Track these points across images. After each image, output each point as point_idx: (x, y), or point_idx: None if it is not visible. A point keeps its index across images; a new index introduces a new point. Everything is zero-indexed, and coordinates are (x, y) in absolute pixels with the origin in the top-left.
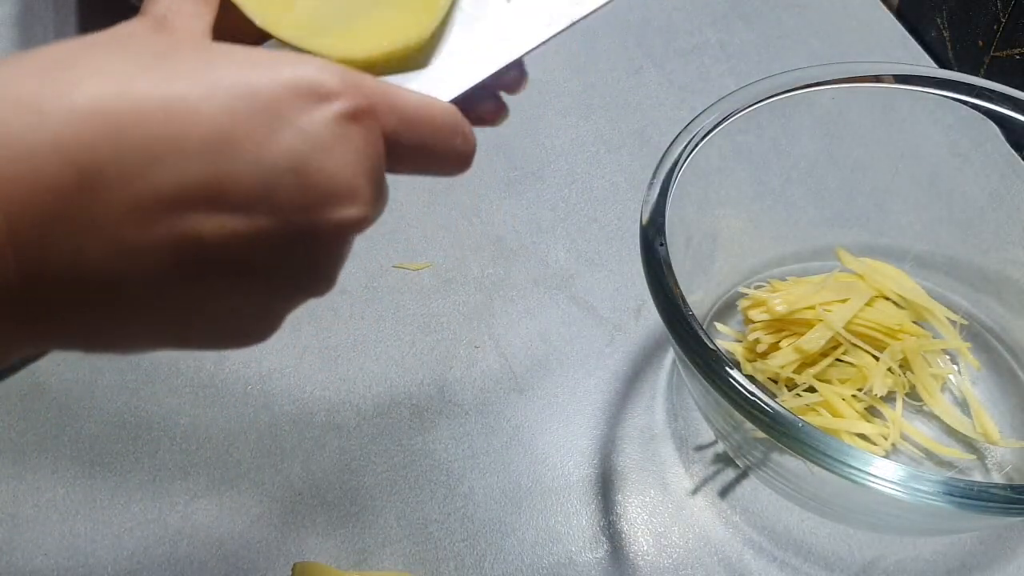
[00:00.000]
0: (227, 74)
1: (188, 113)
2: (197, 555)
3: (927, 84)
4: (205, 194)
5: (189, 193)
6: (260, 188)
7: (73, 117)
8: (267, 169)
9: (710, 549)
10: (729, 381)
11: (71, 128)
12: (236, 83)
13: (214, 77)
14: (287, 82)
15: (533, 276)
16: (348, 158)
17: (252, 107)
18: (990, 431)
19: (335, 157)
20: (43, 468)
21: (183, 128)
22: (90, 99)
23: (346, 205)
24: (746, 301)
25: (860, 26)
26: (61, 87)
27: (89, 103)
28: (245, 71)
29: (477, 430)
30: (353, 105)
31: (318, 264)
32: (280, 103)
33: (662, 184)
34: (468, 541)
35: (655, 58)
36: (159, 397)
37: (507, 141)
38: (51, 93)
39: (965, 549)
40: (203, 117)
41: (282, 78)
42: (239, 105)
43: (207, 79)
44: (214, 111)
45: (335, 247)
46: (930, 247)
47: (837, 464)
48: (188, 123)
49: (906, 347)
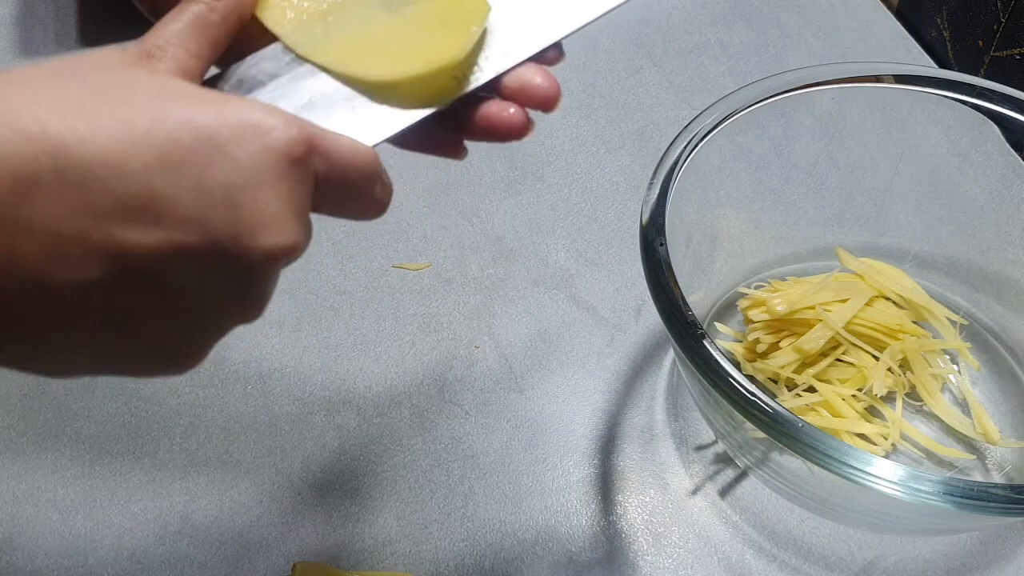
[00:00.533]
0: (175, 107)
1: (131, 137)
2: (197, 555)
3: (927, 84)
4: (140, 209)
5: (123, 205)
6: (194, 211)
7: (18, 135)
8: (203, 194)
9: (710, 549)
10: (729, 381)
11: (13, 144)
12: (183, 116)
13: (162, 109)
14: (232, 119)
15: (533, 276)
16: (280, 194)
17: (194, 137)
18: (990, 431)
19: (268, 191)
20: (43, 468)
21: (125, 151)
22: (37, 120)
23: (274, 236)
24: (746, 301)
25: (860, 26)
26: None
27: (35, 123)
28: (194, 107)
29: (477, 430)
30: (290, 146)
31: (245, 290)
32: (222, 137)
33: (662, 184)
34: (468, 541)
35: (655, 58)
36: (159, 397)
37: None
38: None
39: (965, 549)
40: (146, 143)
41: (228, 115)
42: (182, 135)
43: (155, 110)
44: (157, 138)
45: (261, 275)
46: (930, 247)
47: (837, 464)
48: (130, 147)
49: (906, 347)
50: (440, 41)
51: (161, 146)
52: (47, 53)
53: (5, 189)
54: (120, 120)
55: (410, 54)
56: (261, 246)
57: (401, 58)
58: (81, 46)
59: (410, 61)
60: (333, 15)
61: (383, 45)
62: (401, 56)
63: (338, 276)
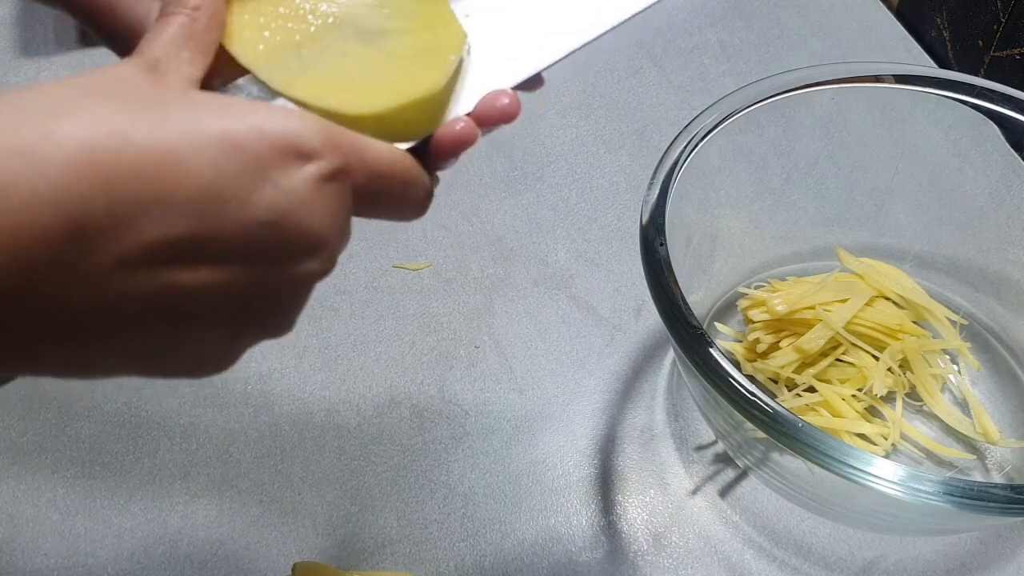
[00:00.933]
0: (214, 128)
1: (177, 167)
2: (197, 555)
3: (927, 84)
4: (187, 246)
5: (172, 245)
6: (239, 242)
7: (69, 170)
8: (247, 224)
9: (710, 549)
10: (729, 381)
11: (66, 180)
12: (223, 138)
13: (202, 130)
14: (272, 138)
15: (533, 276)
16: (322, 215)
17: (237, 163)
18: (990, 431)
19: (310, 214)
20: (43, 468)
21: (172, 182)
22: (85, 151)
23: (315, 258)
24: (746, 301)
25: (860, 26)
26: (57, 137)
27: (84, 155)
28: (233, 123)
29: (477, 430)
30: (330, 165)
31: (282, 309)
32: (263, 160)
33: (662, 184)
34: (468, 541)
35: (655, 58)
36: (159, 397)
37: (507, 141)
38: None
39: (965, 549)
40: (191, 171)
41: (267, 133)
42: (225, 161)
43: (195, 132)
44: (202, 166)
45: (299, 294)
46: (930, 247)
47: (837, 464)
48: (177, 177)
49: (906, 347)
50: (417, 73)
51: (205, 177)
52: (47, 53)
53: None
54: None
55: (388, 87)
56: (303, 270)
57: (379, 91)
58: (81, 46)
59: (388, 94)
60: (307, 47)
61: (360, 78)
62: (379, 89)
63: (338, 276)
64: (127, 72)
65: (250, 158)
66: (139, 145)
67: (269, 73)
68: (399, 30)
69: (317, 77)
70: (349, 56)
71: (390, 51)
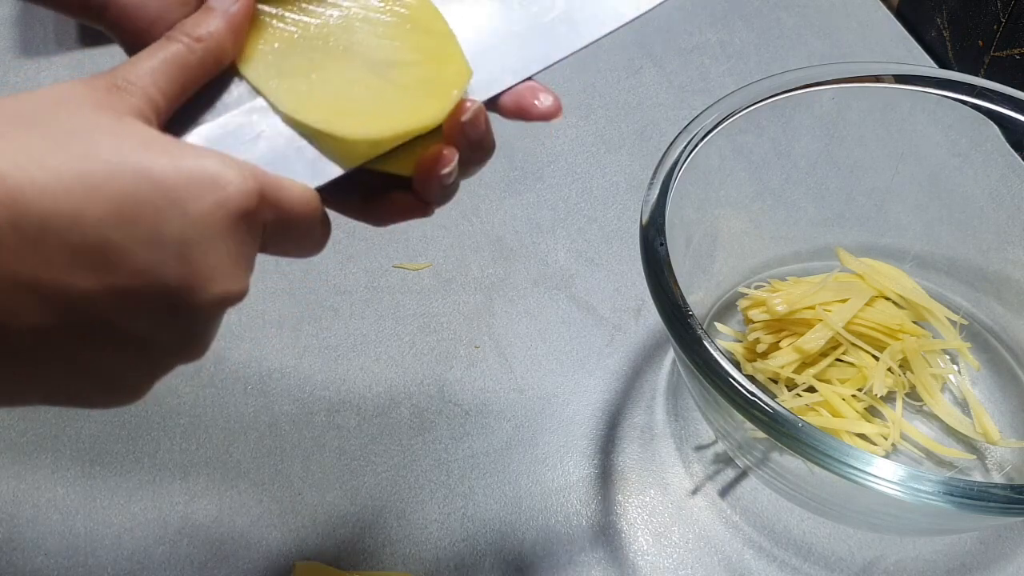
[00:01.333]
0: (134, 158)
1: (89, 190)
2: (197, 555)
3: (927, 84)
4: (95, 260)
5: (79, 258)
6: (147, 263)
7: None
8: (156, 248)
9: (710, 549)
10: (729, 381)
11: None
12: (140, 167)
13: (121, 160)
14: (188, 172)
15: (533, 276)
16: (231, 247)
17: (152, 190)
18: (990, 431)
19: (219, 245)
20: (43, 468)
21: (82, 203)
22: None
23: (223, 286)
24: (746, 301)
25: (860, 26)
26: None
27: None
28: (152, 157)
29: (477, 430)
30: (243, 200)
31: (192, 333)
32: (178, 191)
33: (662, 184)
34: (468, 541)
35: (655, 58)
36: (159, 397)
37: (507, 141)
38: None
39: (965, 549)
40: (102, 196)
41: (185, 167)
42: (140, 187)
43: (114, 161)
44: (114, 191)
45: (208, 320)
46: (930, 247)
47: (837, 464)
48: (88, 199)
49: (906, 347)
50: (420, 104)
51: (117, 200)
52: (47, 53)
53: None
54: (78, 173)
55: (390, 116)
56: (210, 295)
57: (381, 119)
58: (81, 46)
59: (389, 122)
60: (317, 73)
61: (364, 106)
62: (381, 117)
63: (338, 276)
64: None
65: (164, 188)
66: (53, 168)
67: (277, 97)
68: (406, 62)
69: (323, 102)
70: (355, 84)
71: (396, 81)
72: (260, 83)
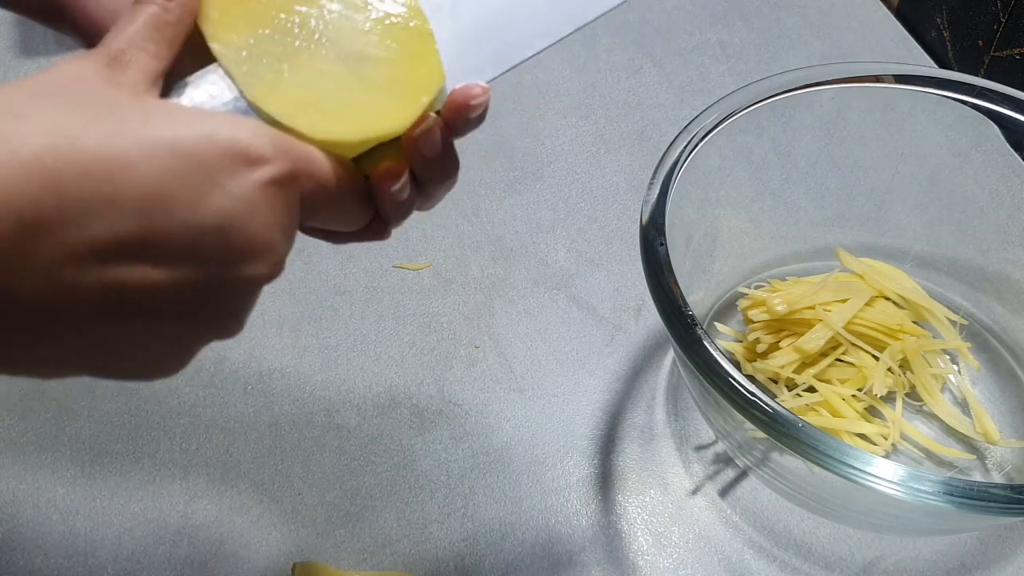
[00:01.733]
0: (166, 134)
1: (126, 171)
2: (197, 555)
3: (927, 84)
4: (136, 245)
5: (121, 244)
6: (187, 244)
7: (19, 172)
8: (195, 227)
9: (710, 549)
10: (729, 381)
11: (16, 181)
12: (174, 144)
13: (154, 136)
14: (222, 145)
15: (533, 276)
16: (269, 220)
17: (187, 168)
18: (990, 431)
19: (258, 219)
20: (43, 468)
21: (121, 185)
22: (36, 155)
23: (263, 261)
24: (746, 301)
25: (860, 26)
26: (10, 141)
27: (35, 159)
28: (184, 131)
29: (477, 430)
30: (279, 172)
31: (231, 310)
32: (213, 166)
33: (662, 184)
34: (468, 541)
35: (655, 58)
36: (159, 397)
37: (507, 141)
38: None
39: (965, 549)
40: (140, 176)
41: (218, 141)
42: (175, 165)
43: (147, 138)
44: (151, 170)
45: (248, 296)
46: (930, 247)
47: (837, 464)
48: (126, 181)
49: (906, 347)
50: (387, 107)
51: (154, 179)
52: (47, 53)
53: (10, 230)
54: (114, 154)
55: (355, 117)
56: (250, 272)
57: (345, 120)
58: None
59: (354, 124)
60: (288, 62)
61: (330, 103)
62: (346, 118)
63: (338, 276)
64: (83, 70)
65: (199, 164)
66: (89, 150)
67: (246, 82)
68: (380, 59)
69: (291, 94)
70: (326, 77)
71: (367, 78)
72: (230, 65)
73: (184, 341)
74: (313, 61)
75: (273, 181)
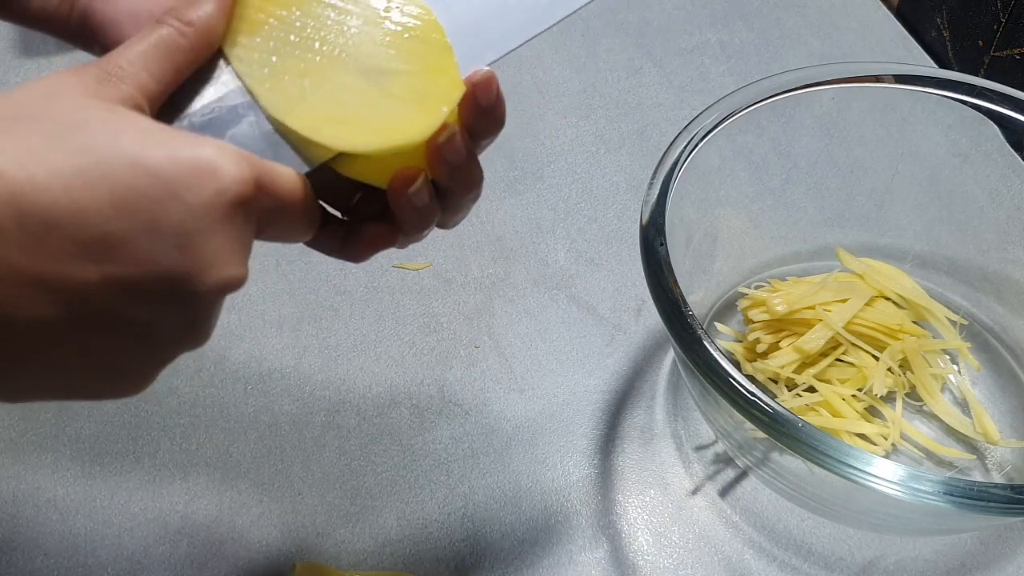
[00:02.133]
0: (130, 150)
1: (87, 187)
2: (197, 555)
3: (927, 84)
4: (97, 251)
5: (82, 250)
6: (148, 253)
7: None
8: (157, 238)
9: (710, 549)
10: (729, 381)
11: None
12: (136, 160)
13: (117, 152)
14: (184, 162)
15: (533, 276)
16: (229, 234)
17: (149, 182)
18: (990, 431)
19: (218, 233)
20: (43, 468)
21: (82, 200)
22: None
23: (223, 273)
24: (746, 301)
25: (860, 26)
26: None
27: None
28: (148, 148)
29: (477, 430)
30: (240, 189)
31: (193, 321)
32: (176, 181)
33: (662, 184)
34: (468, 541)
35: (655, 58)
36: (159, 397)
37: (507, 141)
38: None
39: (965, 549)
40: (101, 191)
41: (181, 158)
42: (137, 180)
43: (111, 154)
44: (112, 185)
45: (209, 307)
46: (930, 247)
47: (837, 464)
48: (87, 196)
49: (906, 347)
50: (409, 117)
51: (116, 193)
52: (47, 53)
53: None
54: (77, 169)
55: (378, 128)
56: (211, 282)
57: (368, 131)
58: None
59: (377, 135)
60: (309, 77)
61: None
62: (369, 129)
63: (338, 276)
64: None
65: (163, 179)
66: (49, 166)
67: (269, 98)
68: (400, 71)
69: (313, 109)
70: (347, 91)
71: (387, 90)
72: (251, 81)
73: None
74: (334, 75)
75: (234, 197)
